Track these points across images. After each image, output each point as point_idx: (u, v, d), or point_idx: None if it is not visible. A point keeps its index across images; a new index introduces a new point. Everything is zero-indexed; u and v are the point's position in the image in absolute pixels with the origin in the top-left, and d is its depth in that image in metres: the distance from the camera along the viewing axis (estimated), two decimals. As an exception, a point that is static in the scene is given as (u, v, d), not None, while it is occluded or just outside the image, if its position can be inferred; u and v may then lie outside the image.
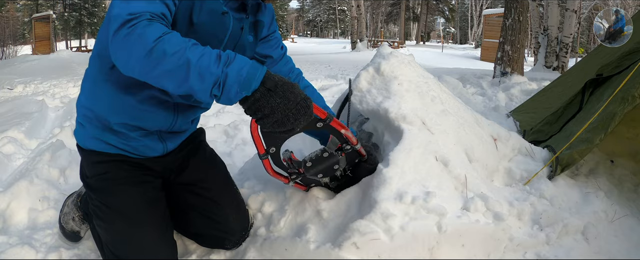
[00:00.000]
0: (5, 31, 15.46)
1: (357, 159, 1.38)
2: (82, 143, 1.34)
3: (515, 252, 1.42)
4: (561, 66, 7.26)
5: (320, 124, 1.15)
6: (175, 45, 0.93)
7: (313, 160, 1.28)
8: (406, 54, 1.82)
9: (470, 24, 35.55)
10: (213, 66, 0.92)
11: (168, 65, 0.92)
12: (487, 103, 4.08)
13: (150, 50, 0.92)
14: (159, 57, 0.92)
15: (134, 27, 0.94)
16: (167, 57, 0.92)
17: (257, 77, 0.94)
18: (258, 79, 0.94)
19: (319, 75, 7.00)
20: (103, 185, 1.29)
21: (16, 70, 9.26)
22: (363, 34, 18.48)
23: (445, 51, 21.37)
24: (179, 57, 0.92)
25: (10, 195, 1.84)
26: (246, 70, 0.94)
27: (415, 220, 1.30)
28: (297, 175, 1.26)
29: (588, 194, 1.72)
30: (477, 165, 1.65)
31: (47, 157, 2.26)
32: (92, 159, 1.33)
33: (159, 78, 0.95)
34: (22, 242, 1.59)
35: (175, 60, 0.92)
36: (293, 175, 1.24)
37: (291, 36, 31.88)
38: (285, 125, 0.97)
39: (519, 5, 5.43)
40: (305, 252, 1.30)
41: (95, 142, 1.30)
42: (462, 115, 1.76)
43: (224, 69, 0.93)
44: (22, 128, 3.11)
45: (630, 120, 2.27)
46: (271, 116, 0.95)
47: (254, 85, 0.94)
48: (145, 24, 0.94)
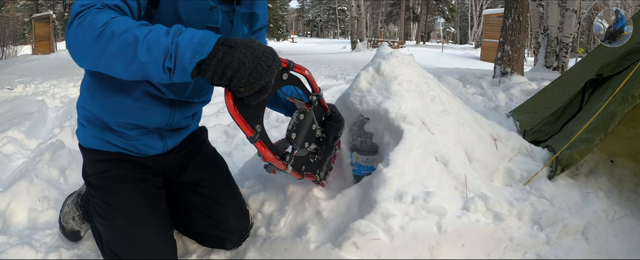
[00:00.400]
0: (5, 31, 15.46)
1: (322, 115, 1.40)
2: (84, 142, 1.35)
3: (515, 252, 1.42)
4: (561, 66, 7.26)
5: (286, 75, 1.10)
6: (122, 25, 0.90)
7: (295, 129, 1.23)
8: (406, 54, 1.82)
9: (470, 24, 35.55)
10: (162, 38, 0.88)
11: (116, 44, 0.89)
12: (487, 103, 4.08)
13: (99, 34, 0.89)
14: (107, 39, 0.89)
15: (84, 16, 0.92)
16: (115, 37, 0.89)
17: (211, 40, 0.89)
18: (212, 41, 0.89)
19: (319, 75, 6.99)
20: (104, 183, 1.30)
21: (16, 70, 9.27)
22: (363, 34, 18.48)
23: (445, 51, 21.37)
24: (127, 35, 0.89)
25: (10, 195, 1.85)
26: (198, 37, 0.89)
27: (415, 220, 1.30)
28: (289, 155, 1.20)
29: (588, 194, 1.72)
30: (477, 165, 1.65)
31: (47, 157, 2.26)
32: (93, 157, 1.34)
33: (109, 62, 0.91)
34: (22, 242, 1.59)
35: (123, 39, 0.89)
36: (286, 157, 1.18)
37: (291, 36, 31.86)
38: (261, 76, 0.90)
39: (519, 5, 5.43)
40: (305, 252, 1.30)
41: (96, 140, 1.31)
42: (462, 115, 1.76)
43: (173, 38, 0.88)
44: (22, 128, 3.11)
45: (630, 120, 2.27)
46: (242, 69, 0.88)
47: (208, 48, 0.88)
48: (94, 12, 0.93)
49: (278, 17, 20.32)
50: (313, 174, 1.36)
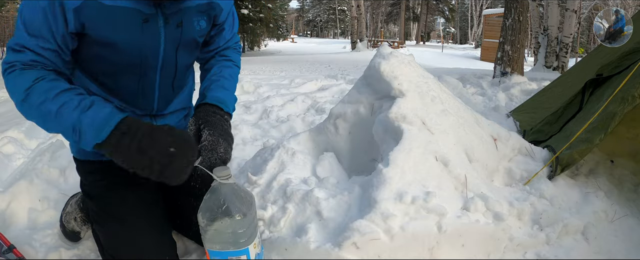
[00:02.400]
0: (5, 31, 15.44)
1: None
2: (76, 154, 1.35)
3: (515, 252, 1.42)
4: (561, 66, 7.26)
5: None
6: (40, 95, 0.97)
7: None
8: (406, 54, 1.82)
9: (470, 24, 35.56)
10: (70, 113, 0.96)
11: (36, 113, 0.99)
12: (487, 103, 4.08)
13: (23, 100, 0.99)
14: (29, 107, 0.99)
15: (10, 75, 1.01)
16: (34, 108, 0.98)
17: (110, 123, 0.94)
18: (110, 125, 0.94)
19: (319, 75, 6.98)
20: (99, 191, 1.29)
21: (16, 70, 9.25)
22: (363, 34, 18.49)
23: (445, 51, 21.38)
24: (42, 107, 0.97)
25: (10, 195, 1.84)
26: (101, 117, 0.95)
27: (415, 220, 1.30)
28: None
29: (588, 194, 1.72)
30: (477, 165, 1.65)
31: (47, 157, 2.26)
32: (86, 168, 1.33)
33: (35, 121, 1.02)
34: (22, 241, 1.59)
35: (40, 111, 0.98)
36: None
37: (291, 36, 31.86)
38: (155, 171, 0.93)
39: (519, 5, 5.43)
40: (305, 252, 1.30)
41: (88, 152, 1.28)
42: (462, 115, 1.76)
43: (80, 115, 0.95)
44: (22, 128, 3.10)
45: (630, 120, 2.27)
46: (133, 161, 0.93)
47: (106, 131, 0.93)
48: (17, 73, 1.00)
49: (278, 17, 20.31)
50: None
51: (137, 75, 1.18)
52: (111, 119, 0.95)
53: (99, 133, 0.93)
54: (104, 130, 0.94)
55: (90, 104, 0.97)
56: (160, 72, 1.21)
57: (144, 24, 1.07)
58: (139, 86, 1.21)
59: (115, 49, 1.09)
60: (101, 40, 1.08)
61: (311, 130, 1.94)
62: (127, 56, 1.12)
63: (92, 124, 0.94)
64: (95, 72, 1.18)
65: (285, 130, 2.98)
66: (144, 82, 1.21)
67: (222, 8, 1.25)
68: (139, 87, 1.21)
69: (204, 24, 1.21)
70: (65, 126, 0.96)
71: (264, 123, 3.18)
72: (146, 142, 0.93)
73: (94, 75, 1.18)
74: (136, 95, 1.23)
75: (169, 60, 1.19)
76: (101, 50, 1.10)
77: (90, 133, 0.94)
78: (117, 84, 1.19)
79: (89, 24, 1.04)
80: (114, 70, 1.16)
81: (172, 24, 1.12)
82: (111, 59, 1.13)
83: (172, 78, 1.26)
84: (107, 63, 1.14)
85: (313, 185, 1.54)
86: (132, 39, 1.09)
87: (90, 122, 0.94)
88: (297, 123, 3.06)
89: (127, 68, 1.16)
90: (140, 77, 1.19)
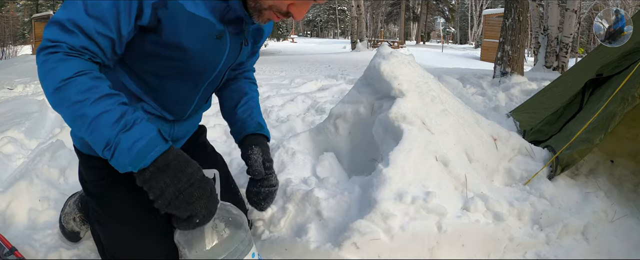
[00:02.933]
0: (5, 31, 15.46)
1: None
2: (80, 147, 1.33)
3: (515, 252, 1.42)
4: (561, 66, 7.26)
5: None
6: (79, 92, 0.88)
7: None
8: (406, 54, 1.82)
9: (470, 24, 35.56)
10: (108, 128, 0.87)
11: (68, 111, 0.89)
12: (487, 103, 4.08)
13: (57, 89, 0.89)
14: (62, 99, 0.89)
15: (49, 57, 0.90)
16: (68, 104, 0.89)
17: (150, 155, 0.88)
18: (150, 158, 0.88)
19: (319, 75, 6.99)
20: (101, 190, 1.28)
21: (16, 70, 9.26)
22: (363, 34, 18.49)
23: (445, 51, 21.38)
24: (79, 107, 0.88)
25: (10, 195, 1.84)
26: (140, 145, 0.87)
27: (415, 220, 1.30)
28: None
29: (588, 194, 1.72)
30: (477, 165, 1.65)
31: (47, 157, 2.26)
32: (90, 163, 1.31)
33: (62, 114, 0.92)
34: (22, 242, 1.59)
35: (75, 110, 0.88)
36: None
37: (291, 36, 31.86)
38: (181, 208, 0.89)
39: (519, 5, 5.43)
40: (305, 252, 1.30)
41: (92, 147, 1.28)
42: (462, 115, 1.76)
43: (119, 134, 0.87)
44: (22, 128, 3.11)
45: (630, 120, 2.27)
46: (162, 198, 0.88)
47: (143, 164, 0.88)
48: (60, 57, 0.90)
49: (278, 17, 20.27)
50: None
51: (187, 84, 1.17)
52: (151, 150, 0.88)
53: (136, 163, 0.87)
54: (142, 162, 0.88)
55: (132, 123, 0.89)
56: (207, 85, 1.21)
57: (217, 39, 1.09)
58: (184, 94, 1.20)
59: (183, 54, 1.06)
60: (172, 42, 1.04)
61: (311, 130, 1.94)
62: (190, 64, 1.09)
63: (129, 152, 0.87)
64: (144, 70, 1.12)
65: (285, 130, 2.98)
66: (191, 91, 1.20)
67: (265, 34, 1.32)
68: (183, 94, 1.20)
69: (249, 48, 1.27)
70: (98, 138, 0.88)
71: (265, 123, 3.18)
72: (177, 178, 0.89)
73: (139, 73, 1.13)
74: (176, 102, 1.21)
75: (219, 75, 1.22)
76: (165, 51, 1.05)
77: (126, 158, 0.87)
78: (163, 87, 1.15)
79: (166, 23, 1.00)
80: (168, 74, 1.12)
81: (236, 43, 1.16)
82: (172, 62, 1.09)
83: (211, 91, 1.28)
84: (164, 65, 1.10)
85: (313, 185, 1.54)
86: (204, 50, 1.08)
87: (128, 148, 0.87)
88: (297, 123, 3.06)
89: (183, 75, 1.14)
90: (190, 85, 1.18)
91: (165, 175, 0.88)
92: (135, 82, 1.14)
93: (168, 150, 0.91)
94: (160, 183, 0.88)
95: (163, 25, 1.00)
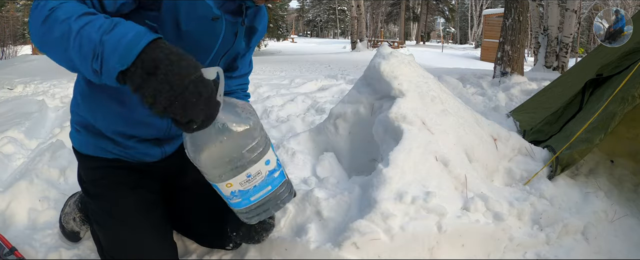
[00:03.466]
0: (5, 31, 15.43)
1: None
2: (79, 147, 1.33)
3: (515, 252, 1.42)
4: (561, 66, 7.26)
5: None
6: (65, 12, 0.82)
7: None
8: (406, 54, 1.82)
9: (470, 24, 35.56)
10: (93, 33, 0.79)
11: (55, 32, 0.82)
12: (487, 103, 4.08)
13: (45, 18, 0.83)
14: (50, 25, 0.83)
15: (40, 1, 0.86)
16: (56, 25, 0.82)
17: (136, 48, 0.76)
18: (136, 51, 0.76)
19: (319, 75, 6.98)
20: (100, 191, 1.28)
21: (16, 70, 9.25)
22: (363, 34, 18.49)
23: (445, 51, 21.38)
24: (64, 25, 0.81)
25: (10, 195, 1.84)
26: (127, 40, 0.77)
27: (415, 220, 1.30)
28: None
29: (588, 194, 1.72)
30: (477, 165, 1.65)
31: (47, 157, 2.26)
32: (89, 164, 1.32)
33: (49, 50, 0.85)
34: (22, 242, 1.59)
35: (61, 29, 0.81)
36: None
37: (291, 36, 31.84)
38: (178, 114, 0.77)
39: (519, 5, 5.43)
40: (305, 252, 1.30)
41: (91, 147, 1.28)
42: (462, 115, 1.76)
43: (103, 36, 0.78)
44: (22, 128, 3.10)
45: (630, 120, 2.27)
46: (155, 106, 0.76)
47: (130, 59, 0.76)
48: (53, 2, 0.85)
49: (278, 17, 20.31)
50: None
51: None
52: (138, 43, 0.77)
53: (124, 60, 0.76)
54: (129, 56, 0.76)
55: (116, 23, 0.80)
56: None
57: (213, 21, 1.11)
58: None
59: (179, 31, 1.07)
60: (170, 19, 1.05)
61: (311, 130, 1.94)
62: (185, 44, 1.06)
63: (117, 48, 0.77)
64: None
65: (285, 130, 2.98)
66: None
67: (260, 34, 1.34)
68: None
69: (244, 44, 1.29)
70: (85, 50, 0.79)
71: (264, 123, 3.18)
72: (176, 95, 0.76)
73: None
74: None
75: (214, 62, 1.22)
76: (161, 29, 1.04)
77: (114, 59, 0.77)
78: None
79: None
80: None
81: (231, 31, 1.18)
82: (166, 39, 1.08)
83: None
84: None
85: (313, 185, 1.54)
86: (199, 29, 1.10)
87: (114, 45, 0.77)
88: (297, 123, 3.06)
89: None
90: None
91: (156, 79, 0.76)
92: None
93: (156, 42, 0.79)
94: (151, 90, 0.76)
95: (163, 1, 1.02)
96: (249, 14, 1.23)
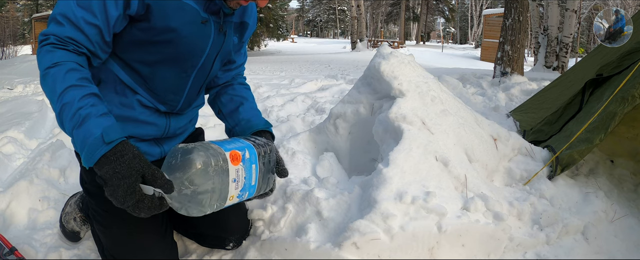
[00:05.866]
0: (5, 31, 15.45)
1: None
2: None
3: (515, 252, 1.42)
4: (561, 66, 7.26)
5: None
6: (52, 84, 0.96)
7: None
8: (406, 54, 1.82)
9: (470, 24, 35.58)
10: (67, 122, 0.94)
11: (48, 94, 0.97)
12: (487, 103, 4.08)
13: (42, 76, 0.98)
14: (45, 85, 0.98)
15: (41, 49, 1.00)
16: (47, 88, 0.97)
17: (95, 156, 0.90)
18: (93, 160, 0.91)
19: (319, 75, 6.98)
20: (100, 190, 1.28)
21: (16, 70, 9.26)
22: (363, 34, 18.49)
23: (445, 51, 21.39)
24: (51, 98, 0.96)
25: (10, 195, 1.84)
26: (89, 143, 0.91)
27: (415, 220, 1.30)
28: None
29: (588, 194, 1.72)
30: (477, 165, 1.65)
31: (47, 157, 2.26)
32: None
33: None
34: (22, 242, 1.59)
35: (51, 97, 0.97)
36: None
37: (291, 36, 31.84)
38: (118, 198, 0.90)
39: (519, 5, 5.43)
40: (305, 252, 1.30)
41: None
42: (462, 115, 1.76)
43: (73, 130, 0.93)
44: (22, 128, 3.10)
45: (630, 120, 2.27)
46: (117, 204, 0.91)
47: (90, 164, 0.91)
48: (47, 49, 0.99)
49: (278, 17, 20.30)
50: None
51: (177, 70, 1.21)
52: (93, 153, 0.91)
53: (88, 164, 0.92)
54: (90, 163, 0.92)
55: (83, 119, 0.93)
56: (196, 73, 1.25)
57: (202, 24, 1.16)
58: (174, 82, 1.23)
59: (171, 37, 1.12)
60: (161, 26, 1.09)
61: (311, 130, 1.94)
62: (178, 49, 1.15)
63: (82, 148, 0.92)
64: (134, 59, 1.17)
65: (285, 130, 2.98)
66: (180, 78, 1.23)
67: (250, 28, 1.37)
68: (174, 82, 1.23)
69: (236, 40, 1.33)
70: (66, 131, 0.96)
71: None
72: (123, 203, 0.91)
73: (131, 64, 1.18)
74: (168, 90, 1.24)
75: (207, 63, 1.25)
76: (154, 36, 1.11)
77: (82, 156, 0.92)
78: (154, 75, 1.20)
79: (155, 8, 1.07)
80: (157, 60, 1.17)
81: (220, 31, 1.22)
82: (160, 47, 1.14)
83: (202, 82, 1.31)
84: (153, 51, 1.15)
85: (313, 185, 1.54)
86: (191, 34, 1.14)
87: (80, 146, 0.92)
88: (297, 123, 3.06)
89: (172, 61, 1.18)
90: (179, 72, 1.22)
91: (107, 190, 0.91)
92: (128, 73, 1.18)
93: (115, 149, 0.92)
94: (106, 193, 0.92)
95: (152, 11, 1.07)
96: (236, 12, 1.27)
